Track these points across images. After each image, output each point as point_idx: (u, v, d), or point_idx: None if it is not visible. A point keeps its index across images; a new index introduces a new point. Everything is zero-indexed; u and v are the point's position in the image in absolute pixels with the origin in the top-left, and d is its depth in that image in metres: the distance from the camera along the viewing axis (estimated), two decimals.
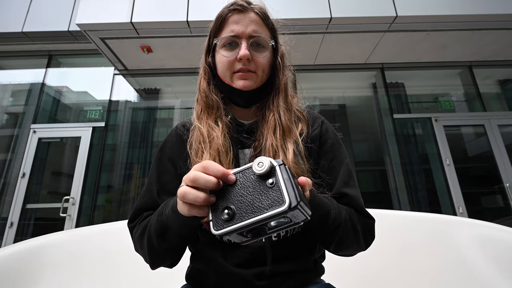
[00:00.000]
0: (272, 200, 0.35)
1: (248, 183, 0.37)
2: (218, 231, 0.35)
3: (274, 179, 0.36)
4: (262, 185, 0.36)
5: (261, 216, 0.34)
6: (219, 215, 0.37)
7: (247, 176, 0.38)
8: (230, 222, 0.35)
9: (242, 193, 0.37)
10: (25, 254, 1.02)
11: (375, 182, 4.32)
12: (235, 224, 0.35)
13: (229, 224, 0.35)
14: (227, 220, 0.35)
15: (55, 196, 3.80)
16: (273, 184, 0.36)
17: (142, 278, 1.04)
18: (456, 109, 4.42)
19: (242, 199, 0.36)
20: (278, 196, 0.35)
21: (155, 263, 0.59)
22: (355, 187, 0.65)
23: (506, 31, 3.65)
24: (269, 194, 0.35)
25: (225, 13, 0.67)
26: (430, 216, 1.18)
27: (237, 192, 0.37)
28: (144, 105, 4.46)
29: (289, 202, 0.33)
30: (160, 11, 3.33)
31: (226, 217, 0.35)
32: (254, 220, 0.34)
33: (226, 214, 0.36)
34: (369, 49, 3.97)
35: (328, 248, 0.60)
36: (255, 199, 0.36)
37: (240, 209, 0.36)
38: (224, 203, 0.37)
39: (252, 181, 0.37)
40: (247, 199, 0.36)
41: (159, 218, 0.53)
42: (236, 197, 0.37)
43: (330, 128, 0.73)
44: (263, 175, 0.37)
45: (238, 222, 0.35)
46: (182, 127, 0.74)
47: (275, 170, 0.37)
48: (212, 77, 0.72)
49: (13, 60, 4.55)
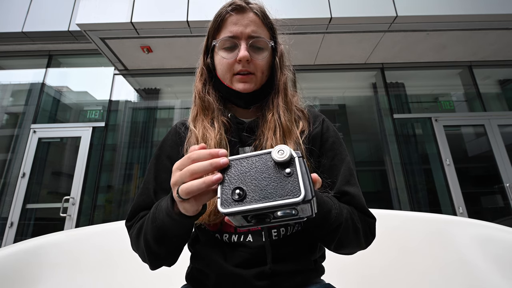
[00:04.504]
0: (287, 190, 0.34)
1: (264, 168, 0.37)
2: (226, 209, 0.35)
3: (291, 169, 0.36)
4: (279, 173, 0.36)
5: (273, 203, 0.34)
6: (229, 193, 0.36)
7: (264, 161, 0.38)
8: (240, 202, 0.35)
9: (257, 177, 0.36)
10: (25, 254, 1.02)
11: (375, 182, 4.32)
12: (245, 205, 0.34)
13: (238, 204, 0.35)
14: (237, 200, 0.35)
15: (55, 196, 3.80)
16: (291, 174, 0.35)
17: (142, 278, 1.04)
18: (456, 109, 4.42)
19: (257, 183, 0.36)
20: (294, 187, 0.34)
21: (155, 265, 0.59)
22: (356, 185, 0.64)
23: (506, 31, 3.65)
24: (285, 183, 0.35)
25: (224, 14, 0.66)
26: (430, 216, 1.18)
27: (252, 175, 0.37)
28: (144, 105, 4.46)
29: (304, 194, 0.33)
30: (160, 11, 3.33)
31: (236, 197, 0.35)
32: (265, 206, 0.34)
33: (237, 194, 0.35)
34: (369, 49, 3.96)
35: (329, 246, 0.60)
36: (269, 185, 0.35)
37: (253, 192, 0.35)
38: (236, 183, 0.37)
39: (269, 167, 0.37)
40: (261, 184, 0.36)
41: (154, 224, 0.52)
42: (250, 180, 0.36)
43: (331, 126, 0.73)
44: (281, 163, 0.36)
45: (249, 205, 0.34)
46: (181, 126, 0.74)
47: (294, 161, 0.36)
48: (210, 78, 0.71)
49: (13, 60, 4.55)
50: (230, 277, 0.60)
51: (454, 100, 4.49)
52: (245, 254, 0.60)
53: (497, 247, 1.00)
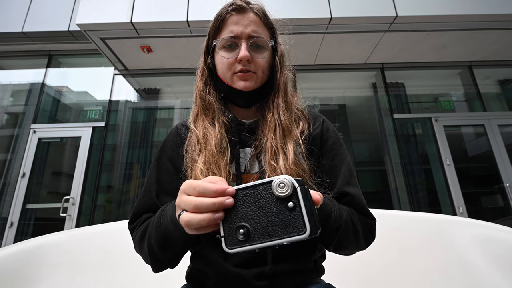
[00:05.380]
0: (292, 226, 0.33)
1: (265, 203, 0.35)
2: (232, 250, 0.35)
3: (294, 203, 0.34)
4: (282, 207, 0.35)
5: (278, 241, 0.33)
6: (233, 233, 0.35)
7: (265, 194, 0.36)
8: (245, 242, 0.34)
9: (259, 212, 0.35)
10: (25, 254, 1.02)
11: (375, 182, 4.32)
12: (250, 245, 0.34)
13: (244, 244, 0.34)
14: (242, 240, 0.34)
15: (55, 196, 3.80)
16: (293, 208, 0.34)
17: (142, 278, 1.04)
18: (456, 109, 4.42)
19: (259, 219, 0.35)
20: (298, 223, 0.33)
21: (158, 269, 0.59)
22: (357, 185, 0.65)
23: (506, 31, 3.65)
24: (289, 218, 0.34)
25: (224, 14, 0.66)
26: (430, 216, 1.18)
27: (253, 211, 0.36)
28: (144, 105, 4.46)
29: (310, 231, 0.33)
30: (160, 11, 3.33)
31: (241, 237, 0.34)
32: (271, 244, 0.33)
33: (241, 234, 0.34)
34: (369, 49, 3.96)
35: (328, 247, 0.60)
36: (273, 221, 0.34)
37: (256, 230, 0.34)
38: (238, 220, 0.36)
39: (270, 201, 0.35)
40: (264, 220, 0.35)
41: (158, 229, 0.53)
42: (252, 216, 0.35)
43: (331, 127, 0.73)
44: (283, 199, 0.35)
45: (254, 244, 0.34)
46: (182, 127, 0.74)
47: (296, 192, 0.35)
48: (211, 77, 0.71)
49: (13, 60, 4.55)
50: (230, 277, 0.60)
51: (454, 100, 4.49)
52: (245, 254, 0.60)
53: (497, 247, 1.00)
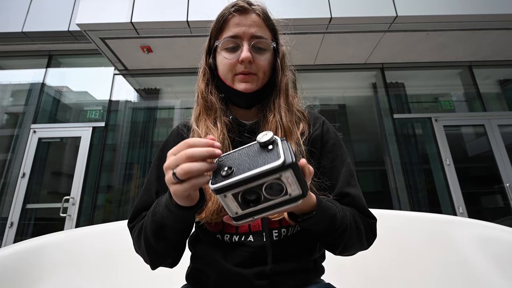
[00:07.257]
0: (268, 158, 0.36)
1: (250, 152, 0.40)
2: (214, 185, 0.36)
3: (273, 146, 0.38)
4: (263, 151, 0.39)
5: (256, 170, 0.35)
6: (218, 173, 0.39)
7: (251, 147, 0.41)
8: (228, 177, 0.37)
9: (243, 158, 0.39)
10: (25, 254, 1.02)
11: (375, 182, 4.32)
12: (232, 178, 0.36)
13: (226, 179, 0.36)
14: (225, 176, 0.37)
15: (55, 196, 3.80)
16: (272, 149, 0.38)
17: (142, 278, 1.04)
18: (456, 109, 4.42)
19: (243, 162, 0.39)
20: (274, 155, 0.36)
21: (155, 263, 0.58)
22: (357, 186, 0.65)
23: (506, 31, 3.65)
24: (267, 155, 0.37)
25: (226, 15, 0.66)
26: (430, 216, 1.18)
27: (239, 157, 0.40)
28: (144, 105, 4.46)
29: (284, 158, 0.34)
30: (160, 11, 3.33)
31: (224, 173, 0.37)
32: (249, 175, 0.35)
33: (225, 171, 0.37)
34: (369, 49, 3.96)
35: (334, 251, 0.60)
36: (254, 160, 0.38)
37: (239, 168, 0.37)
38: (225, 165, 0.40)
39: (254, 150, 0.40)
40: (247, 161, 0.38)
41: (154, 218, 0.53)
42: (237, 161, 0.39)
43: (331, 128, 0.74)
44: (265, 144, 0.39)
45: (235, 177, 0.36)
46: (183, 127, 0.74)
47: (277, 141, 0.39)
48: (213, 78, 0.71)
49: (13, 60, 4.54)
50: (230, 276, 0.60)
51: (454, 100, 4.49)
52: (245, 254, 0.60)
53: (497, 247, 1.00)
